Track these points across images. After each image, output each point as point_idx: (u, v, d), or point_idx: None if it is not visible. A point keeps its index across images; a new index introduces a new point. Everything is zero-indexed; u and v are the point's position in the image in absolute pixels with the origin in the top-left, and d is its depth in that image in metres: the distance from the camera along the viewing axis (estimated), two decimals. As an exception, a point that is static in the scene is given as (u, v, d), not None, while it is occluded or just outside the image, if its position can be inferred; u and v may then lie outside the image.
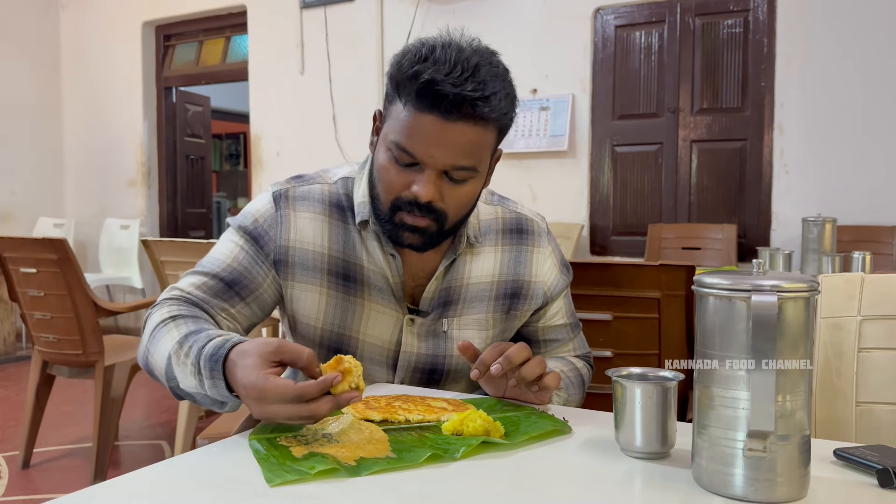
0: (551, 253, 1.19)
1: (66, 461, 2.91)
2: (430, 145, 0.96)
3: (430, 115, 0.95)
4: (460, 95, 0.93)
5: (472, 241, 1.12)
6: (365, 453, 0.78)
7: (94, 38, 5.73)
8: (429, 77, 0.93)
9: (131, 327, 5.57)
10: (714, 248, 3.59)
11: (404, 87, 0.97)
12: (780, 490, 0.68)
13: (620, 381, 0.82)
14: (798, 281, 0.68)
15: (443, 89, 0.93)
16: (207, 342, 0.89)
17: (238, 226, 1.11)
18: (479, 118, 0.96)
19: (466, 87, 0.93)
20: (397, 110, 0.99)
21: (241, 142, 10.33)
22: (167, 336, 0.96)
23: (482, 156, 1.01)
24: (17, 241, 2.72)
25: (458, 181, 1.00)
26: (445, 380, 1.16)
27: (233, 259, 1.08)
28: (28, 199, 5.63)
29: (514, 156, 4.15)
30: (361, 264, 1.10)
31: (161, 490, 0.73)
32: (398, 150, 0.98)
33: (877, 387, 1.10)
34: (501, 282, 1.15)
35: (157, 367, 0.97)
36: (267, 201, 1.11)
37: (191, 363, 0.90)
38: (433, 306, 1.13)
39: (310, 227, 1.09)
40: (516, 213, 1.19)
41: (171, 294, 1.06)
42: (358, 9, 4.59)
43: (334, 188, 1.12)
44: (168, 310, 1.01)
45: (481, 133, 0.98)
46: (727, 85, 3.70)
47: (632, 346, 1.72)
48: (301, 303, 1.11)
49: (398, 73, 0.97)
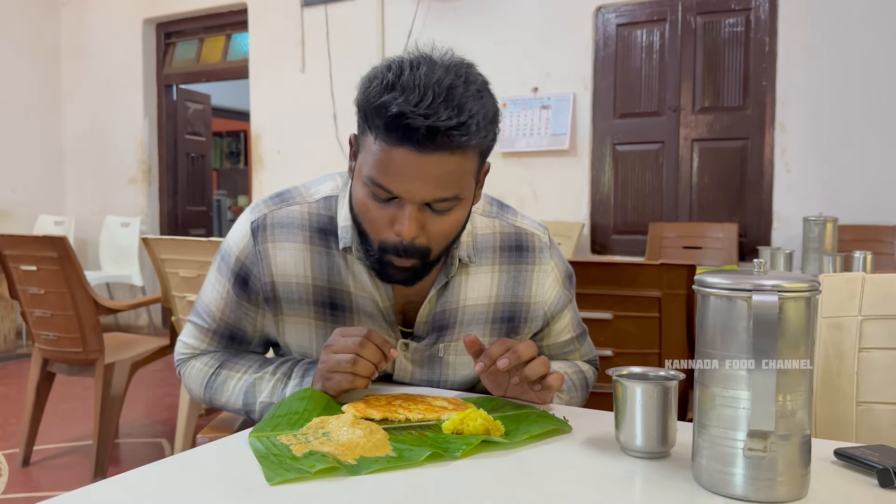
0: (553, 268, 1.12)
1: (67, 459, 2.91)
2: (406, 180, 0.89)
3: (402, 148, 0.88)
4: (433, 127, 0.85)
5: (466, 260, 1.06)
6: (365, 452, 0.78)
7: (94, 36, 5.73)
8: (398, 110, 0.85)
9: (131, 325, 5.58)
10: (715, 248, 3.59)
11: (373, 120, 0.89)
12: (781, 490, 0.67)
13: (621, 380, 0.81)
14: (799, 280, 0.68)
15: (413, 122, 0.85)
16: (296, 361, 1.07)
17: (223, 264, 1.09)
18: (456, 147, 0.88)
19: (440, 116, 0.85)
20: (369, 143, 0.92)
21: (241, 140, 10.34)
22: (232, 379, 1.08)
23: (465, 183, 0.93)
24: (17, 238, 2.72)
25: (441, 212, 0.94)
26: None
27: (221, 312, 1.10)
28: (28, 197, 5.63)
29: (514, 154, 4.15)
30: (348, 290, 1.06)
31: (161, 488, 0.73)
32: (374, 185, 0.92)
33: (877, 386, 1.10)
34: (499, 304, 1.09)
35: (232, 404, 1.08)
36: (246, 233, 1.07)
37: (281, 373, 1.05)
38: (428, 330, 1.08)
39: (291, 258, 1.05)
40: (515, 228, 1.11)
41: (189, 352, 1.14)
42: (359, 6, 4.58)
43: (314, 208, 1.06)
44: (206, 365, 1.11)
45: (461, 161, 0.90)
46: (728, 84, 3.70)
47: (632, 346, 1.72)
48: (293, 335, 1.09)
49: (366, 104, 0.90)
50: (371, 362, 0.95)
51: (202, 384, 1.11)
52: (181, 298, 2.44)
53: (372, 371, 0.95)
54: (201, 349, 1.14)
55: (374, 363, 0.95)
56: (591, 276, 1.67)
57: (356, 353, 0.94)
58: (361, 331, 0.97)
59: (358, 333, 0.96)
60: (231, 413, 1.12)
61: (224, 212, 9.37)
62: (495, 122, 0.94)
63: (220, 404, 1.10)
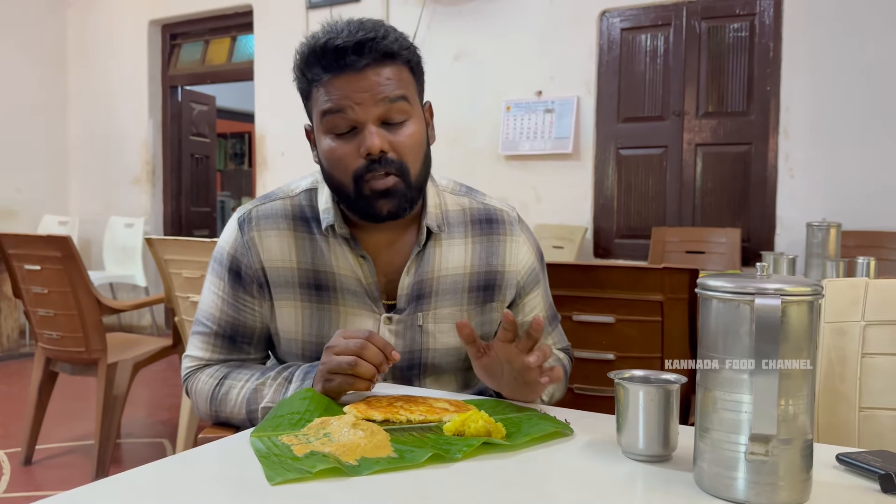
0: (525, 241, 1.18)
1: (68, 458, 2.92)
2: (354, 97, 1.00)
3: (342, 74, 1.01)
4: (357, 40, 1.00)
5: (437, 230, 1.12)
6: (366, 453, 0.78)
7: (100, 37, 5.75)
8: (324, 41, 1.01)
9: (134, 325, 5.58)
10: (718, 252, 3.58)
11: (311, 69, 1.03)
12: (782, 494, 0.67)
13: (623, 383, 0.81)
14: (802, 285, 0.68)
15: (340, 43, 1.00)
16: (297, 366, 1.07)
17: (216, 265, 1.15)
18: (384, 55, 1.01)
19: (359, 34, 1.00)
20: (316, 95, 1.04)
21: (245, 141, 10.36)
22: (235, 388, 1.08)
23: (407, 89, 1.04)
24: (21, 238, 2.73)
25: (396, 123, 1.03)
26: (423, 375, 1.15)
27: (220, 312, 1.14)
28: (33, 197, 5.65)
29: (518, 157, 4.15)
30: (332, 271, 1.10)
31: (162, 487, 0.73)
32: (331, 117, 1.02)
33: (880, 392, 1.09)
34: (474, 273, 1.14)
35: (236, 414, 1.08)
36: (234, 229, 1.14)
37: (283, 378, 1.05)
38: (407, 302, 1.12)
39: (276, 244, 1.11)
40: (484, 204, 1.18)
41: (194, 364, 1.15)
42: (364, 9, 4.59)
43: (297, 200, 1.14)
44: (211, 378, 1.12)
45: (394, 69, 1.03)
46: (733, 89, 3.70)
47: (634, 349, 1.72)
48: (282, 319, 1.13)
49: (302, 61, 1.04)
50: (373, 364, 0.95)
51: (207, 398, 1.11)
52: (184, 299, 2.44)
53: (373, 373, 0.96)
54: (206, 358, 1.15)
55: (375, 365, 0.95)
56: (593, 279, 1.67)
57: (357, 355, 0.94)
58: (363, 332, 0.97)
59: (360, 335, 0.97)
60: (236, 425, 1.11)
61: (228, 213, 9.38)
62: (412, 42, 1.07)
63: (225, 416, 1.10)
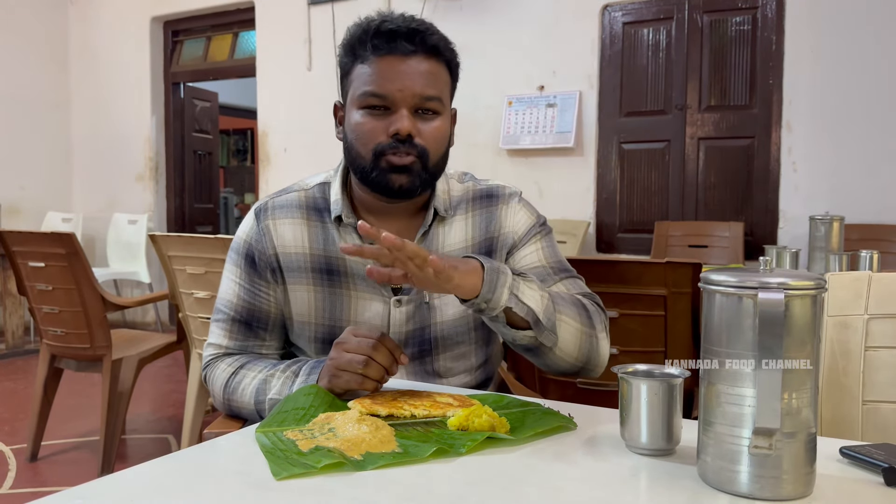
0: (522, 207, 1.20)
1: (74, 454, 2.93)
2: (398, 80, 1.05)
3: (389, 56, 1.05)
4: (411, 28, 1.06)
5: (443, 213, 1.15)
6: (371, 448, 0.78)
7: (102, 33, 5.75)
8: (379, 22, 1.06)
9: (139, 321, 5.60)
10: (721, 246, 3.58)
11: (360, 45, 1.07)
12: (786, 487, 0.67)
13: (626, 377, 0.82)
14: (805, 279, 0.68)
15: (395, 27, 1.05)
16: (306, 361, 1.08)
17: (234, 254, 1.18)
18: (431, 50, 1.07)
19: (413, 23, 1.07)
20: (358, 71, 1.08)
21: (248, 137, 10.36)
22: (247, 378, 1.10)
23: (442, 89, 1.09)
24: (25, 235, 2.74)
25: (428, 115, 1.07)
26: (436, 350, 1.15)
27: (237, 298, 1.17)
28: (36, 194, 5.66)
29: (520, 152, 4.15)
30: (343, 257, 1.13)
31: (167, 483, 0.73)
32: (370, 97, 1.06)
33: (884, 385, 1.10)
34: (475, 244, 1.17)
35: (245, 404, 1.10)
36: (250, 219, 1.19)
37: (291, 371, 1.06)
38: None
39: (290, 231, 1.15)
40: (487, 185, 1.22)
41: (214, 352, 1.17)
42: (366, 5, 4.57)
43: (310, 193, 1.18)
44: (229, 366, 1.14)
45: (436, 65, 1.08)
46: (735, 82, 3.69)
47: (637, 344, 1.72)
48: (294, 303, 1.16)
49: (351, 39, 1.09)
50: (383, 366, 0.96)
51: (222, 387, 1.14)
52: (188, 295, 2.45)
53: (382, 374, 0.97)
54: (224, 345, 1.17)
55: (385, 367, 0.96)
56: (596, 274, 1.67)
57: (369, 356, 0.95)
58: (375, 333, 0.98)
59: (371, 335, 0.98)
60: (247, 417, 1.12)
61: (231, 209, 9.40)
62: (455, 49, 1.12)
63: (236, 405, 1.12)
